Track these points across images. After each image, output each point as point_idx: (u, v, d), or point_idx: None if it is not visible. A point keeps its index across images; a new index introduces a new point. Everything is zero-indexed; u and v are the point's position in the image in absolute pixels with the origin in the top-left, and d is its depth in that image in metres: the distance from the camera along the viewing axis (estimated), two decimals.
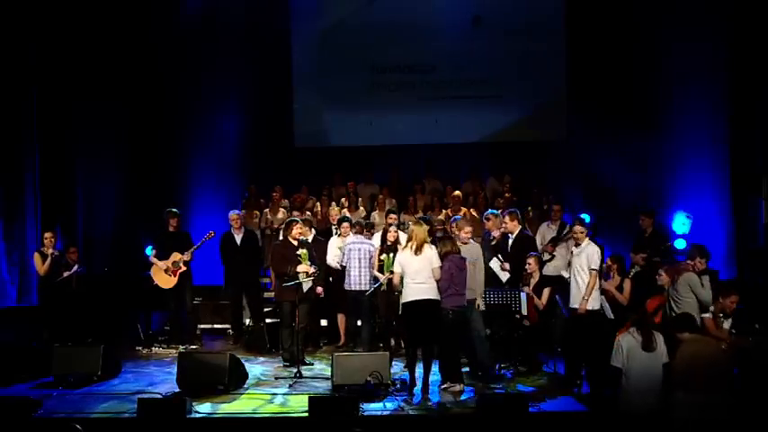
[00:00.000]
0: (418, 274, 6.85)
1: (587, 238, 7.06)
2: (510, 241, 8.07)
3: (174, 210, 9.43)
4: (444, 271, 6.86)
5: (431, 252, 6.94)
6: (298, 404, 6.47)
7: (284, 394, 6.92)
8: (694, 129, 10.98)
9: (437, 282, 6.86)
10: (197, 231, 9.76)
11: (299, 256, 7.77)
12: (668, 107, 11.25)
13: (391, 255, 7.83)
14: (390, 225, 8.66)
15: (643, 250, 8.58)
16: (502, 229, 8.16)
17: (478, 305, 7.29)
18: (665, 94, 11.27)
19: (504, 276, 7.95)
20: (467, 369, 7.64)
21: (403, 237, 8.24)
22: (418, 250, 6.89)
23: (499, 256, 7.98)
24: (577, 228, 7.11)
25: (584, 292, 6.83)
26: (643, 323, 5.67)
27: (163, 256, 9.16)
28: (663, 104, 11.31)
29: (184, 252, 9.10)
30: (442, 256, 6.95)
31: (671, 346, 5.54)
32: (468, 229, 7.38)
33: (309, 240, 8.59)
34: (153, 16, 11.56)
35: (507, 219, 8.07)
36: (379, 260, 8.21)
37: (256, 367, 8.08)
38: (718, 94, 10.80)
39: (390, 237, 8.33)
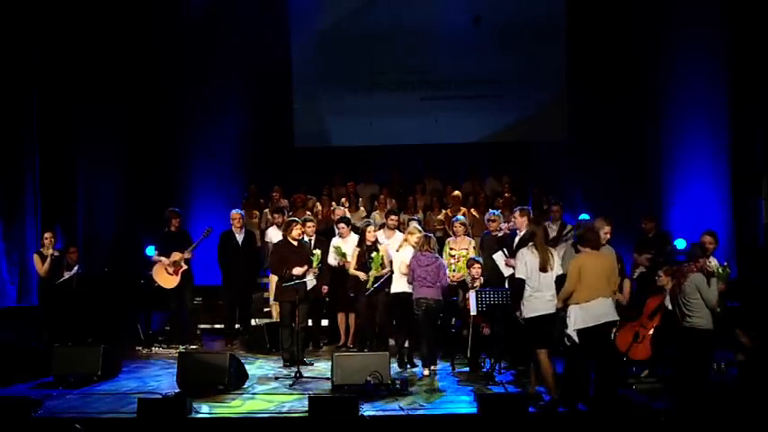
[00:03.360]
0: (398, 269, 7.92)
1: None
2: (517, 238, 8.07)
3: (176, 209, 9.44)
4: (408, 266, 7.69)
5: (406, 250, 7.88)
6: (298, 404, 6.47)
7: (284, 394, 6.92)
8: (695, 129, 10.99)
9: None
10: (197, 231, 9.77)
11: (313, 256, 7.79)
12: (669, 108, 11.26)
13: (381, 254, 8.14)
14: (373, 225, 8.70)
15: (647, 251, 8.57)
16: (510, 225, 8.14)
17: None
18: (665, 95, 11.28)
19: (507, 271, 7.93)
20: (467, 369, 7.69)
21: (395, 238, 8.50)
22: (400, 247, 7.98)
23: (504, 250, 7.96)
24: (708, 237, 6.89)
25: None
26: (540, 244, 6.33)
27: (165, 255, 9.16)
28: (663, 105, 11.32)
29: (184, 251, 9.10)
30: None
31: None
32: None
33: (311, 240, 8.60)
34: (153, 16, 11.56)
35: (517, 215, 8.03)
36: (370, 258, 8.23)
37: (256, 367, 8.08)
38: (718, 94, 10.81)
39: (370, 237, 8.34)
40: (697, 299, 6.33)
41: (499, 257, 7.95)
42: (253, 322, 9.79)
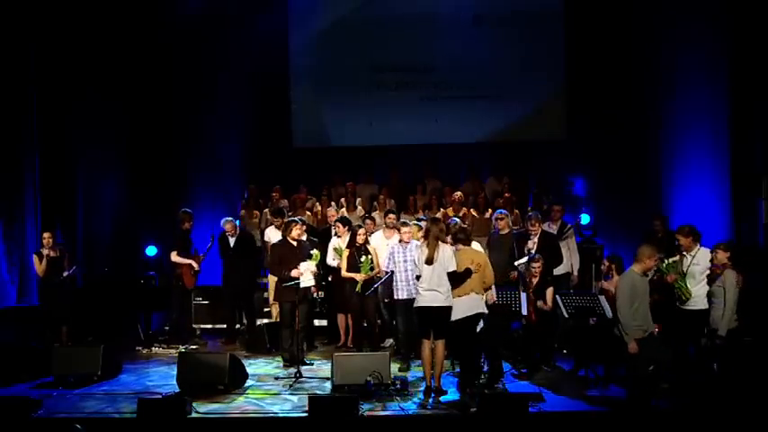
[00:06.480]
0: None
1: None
2: (535, 240, 8.13)
3: (189, 210, 9.67)
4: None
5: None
6: (298, 404, 6.48)
7: (284, 394, 6.92)
8: (694, 129, 10.98)
9: None
10: (197, 231, 9.80)
11: (312, 256, 7.80)
12: (668, 107, 11.25)
13: (369, 257, 8.19)
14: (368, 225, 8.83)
15: (658, 252, 8.56)
16: (533, 239, 8.18)
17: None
18: (665, 95, 11.26)
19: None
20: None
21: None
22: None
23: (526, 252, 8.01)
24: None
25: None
26: (433, 240, 6.57)
27: (184, 254, 9.35)
28: (663, 105, 11.31)
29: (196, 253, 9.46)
30: None
31: None
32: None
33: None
34: (153, 17, 11.55)
35: (535, 223, 8.20)
36: (360, 261, 8.25)
37: (256, 367, 8.09)
38: (718, 93, 10.79)
39: (359, 239, 8.36)
40: None
41: (523, 263, 7.99)
42: None
